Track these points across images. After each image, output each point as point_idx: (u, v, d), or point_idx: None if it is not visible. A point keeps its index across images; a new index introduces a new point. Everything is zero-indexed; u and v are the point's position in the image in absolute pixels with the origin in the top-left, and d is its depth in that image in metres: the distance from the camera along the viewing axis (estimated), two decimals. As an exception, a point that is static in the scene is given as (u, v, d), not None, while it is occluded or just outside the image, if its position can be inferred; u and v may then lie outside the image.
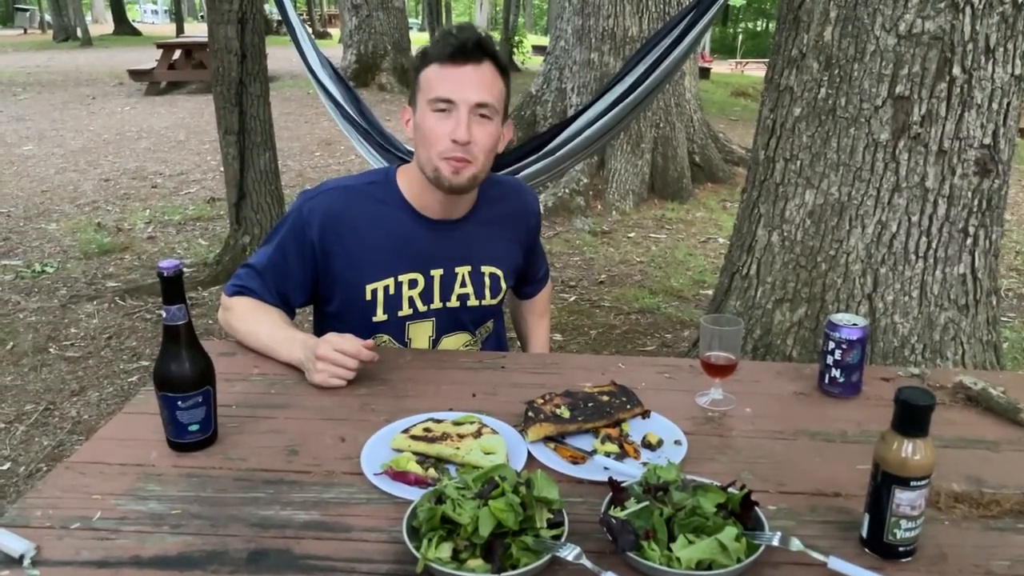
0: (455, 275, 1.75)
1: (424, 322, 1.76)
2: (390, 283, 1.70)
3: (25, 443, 3.04)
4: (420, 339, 1.77)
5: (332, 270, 1.69)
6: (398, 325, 1.74)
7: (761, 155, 2.62)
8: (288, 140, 8.71)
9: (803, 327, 2.53)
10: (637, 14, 6.52)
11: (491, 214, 1.77)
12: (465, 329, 1.81)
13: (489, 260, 1.78)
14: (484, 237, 1.77)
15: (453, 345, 1.81)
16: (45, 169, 7.67)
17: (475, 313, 1.80)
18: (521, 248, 1.86)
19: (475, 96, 1.57)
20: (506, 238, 1.82)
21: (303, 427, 1.42)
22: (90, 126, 9.90)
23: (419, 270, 1.72)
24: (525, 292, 2.04)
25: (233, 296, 1.73)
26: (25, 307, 4.32)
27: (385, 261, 1.70)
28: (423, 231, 1.72)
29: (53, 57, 18.78)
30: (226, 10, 4.29)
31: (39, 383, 3.51)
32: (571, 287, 4.74)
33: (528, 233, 1.88)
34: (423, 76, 1.61)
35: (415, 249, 1.71)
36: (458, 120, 1.56)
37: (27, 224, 5.90)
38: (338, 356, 1.51)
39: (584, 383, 1.59)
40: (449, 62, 1.57)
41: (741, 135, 9.29)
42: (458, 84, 1.57)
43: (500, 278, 1.80)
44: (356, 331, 1.70)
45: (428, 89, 1.59)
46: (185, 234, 5.73)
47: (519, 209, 1.84)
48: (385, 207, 1.70)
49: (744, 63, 24.84)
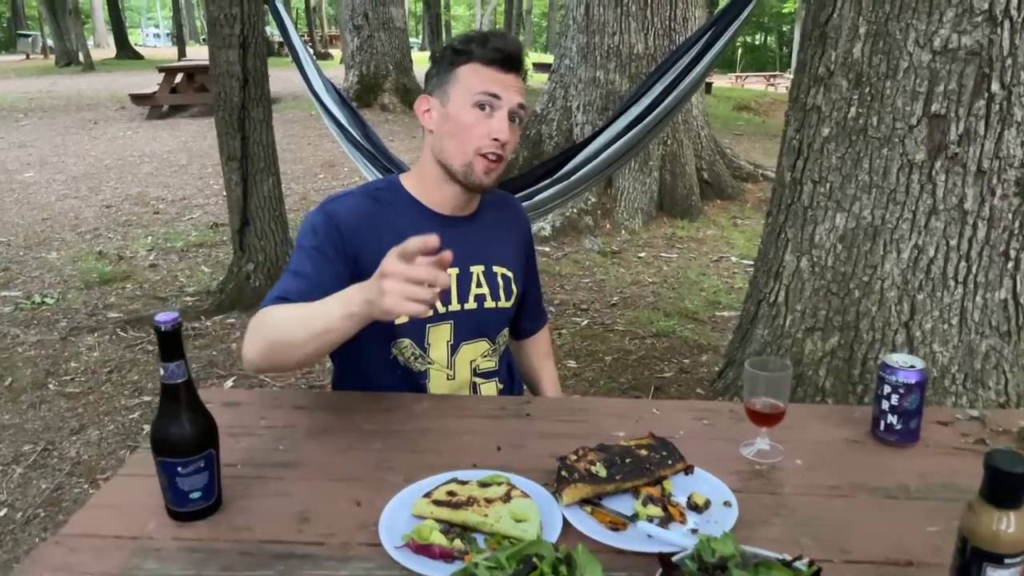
0: (470, 274, 1.68)
1: (443, 325, 1.66)
2: None
3: (23, 486, 2.92)
4: (439, 344, 1.67)
5: (360, 270, 1.56)
6: (418, 328, 1.64)
7: (787, 177, 2.51)
8: (291, 163, 8.63)
9: (836, 357, 2.40)
10: (642, 31, 6.44)
11: (493, 217, 1.75)
12: (484, 335, 1.72)
13: (500, 260, 1.73)
14: (492, 237, 1.74)
15: (472, 353, 1.71)
16: (46, 196, 7.59)
17: (493, 316, 1.72)
18: (521, 255, 1.81)
19: (517, 98, 1.59)
20: (508, 241, 1.79)
21: (314, 489, 1.30)
22: (92, 151, 9.83)
23: None
24: (525, 328, 1.95)
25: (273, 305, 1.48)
26: (24, 340, 4.21)
27: None
28: (436, 228, 1.58)
29: (55, 82, 18.79)
30: (227, 35, 4.20)
31: (38, 421, 3.39)
32: (583, 310, 4.62)
33: (524, 241, 1.84)
34: (462, 71, 1.59)
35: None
36: (501, 119, 1.57)
37: (27, 253, 5.80)
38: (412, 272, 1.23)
39: (617, 432, 1.48)
40: (496, 66, 1.57)
41: (747, 150, 9.21)
42: (505, 86, 1.58)
43: (511, 279, 1.74)
44: (377, 336, 1.60)
45: (470, 84, 1.57)
46: (188, 261, 5.63)
47: (514, 216, 1.84)
48: (396, 208, 1.65)
49: (744, 76, 24.89)
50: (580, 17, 6.66)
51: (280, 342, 1.41)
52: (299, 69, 3.98)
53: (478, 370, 1.72)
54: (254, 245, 4.54)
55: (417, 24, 39.35)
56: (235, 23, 4.20)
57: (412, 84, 12.50)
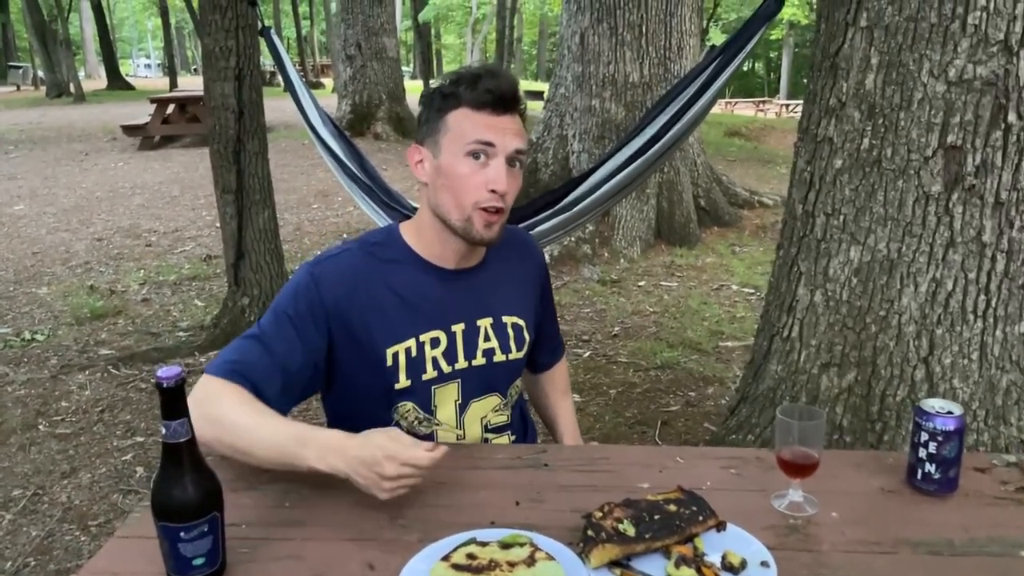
0: (477, 328, 1.58)
1: (449, 385, 1.57)
2: (412, 344, 1.52)
3: (12, 534, 2.82)
4: (446, 405, 1.58)
5: (349, 337, 1.49)
6: (423, 391, 1.55)
7: (799, 209, 2.46)
8: (285, 192, 8.57)
9: (853, 393, 2.34)
10: (638, 60, 6.44)
11: (501, 261, 1.63)
12: (495, 390, 1.63)
13: (510, 309, 1.63)
14: (500, 284, 1.63)
15: (482, 410, 1.62)
16: (36, 229, 7.50)
17: (503, 370, 1.62)
18: (534, 296, 1.72)
19: (514, 143, 1.46)
20: (519, 284, 1.68)
21: (325, 551, 1.22)
22: (83, 183, 9.76)
23: (439, 327, 1.54)
24: (541, 363, 1.87)
25: (223, 378, 1.39)
26: (14, 379, 4.11)
27: (404, 321, 1.52)
28: (439, 284, 1.55)
29: (46, 113, 18.74)
30: (223, 67, 4.16)
31: (27, 464, 3.29)
32: (584, 341, 4.56)
33: (538, 279, 1.74)
34: (453, 118, 1.46)
35: (433, 304, 1.54)
36: (497, 168, 1.45)
37: (17, 289, 5.71)
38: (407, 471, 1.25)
39: (641, 483, 1.40)
40: (489, 110, 1.45)
41: (741, 176, 9.21)
42: (499, 131, 1.45)
43: (523, 328, 1.64)
44: (377, 403, 1.54)
45: (462, 132, 1.45)
46: (180, 295, 5.54)
47: (526, 254, 1.72)
48: (395, 264, 1.54)
49: (733, 102, 25.08)
50: (575, 46, 6.67)
51: (234, 448, 1.36)
52: (295, 101, 3.94)
53: (489, 426, 1.64)
54: (249, 279, 4.46)
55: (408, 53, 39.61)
56: (231, 55, 4.16)
57: (405, 113, 12.51)
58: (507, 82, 1.46)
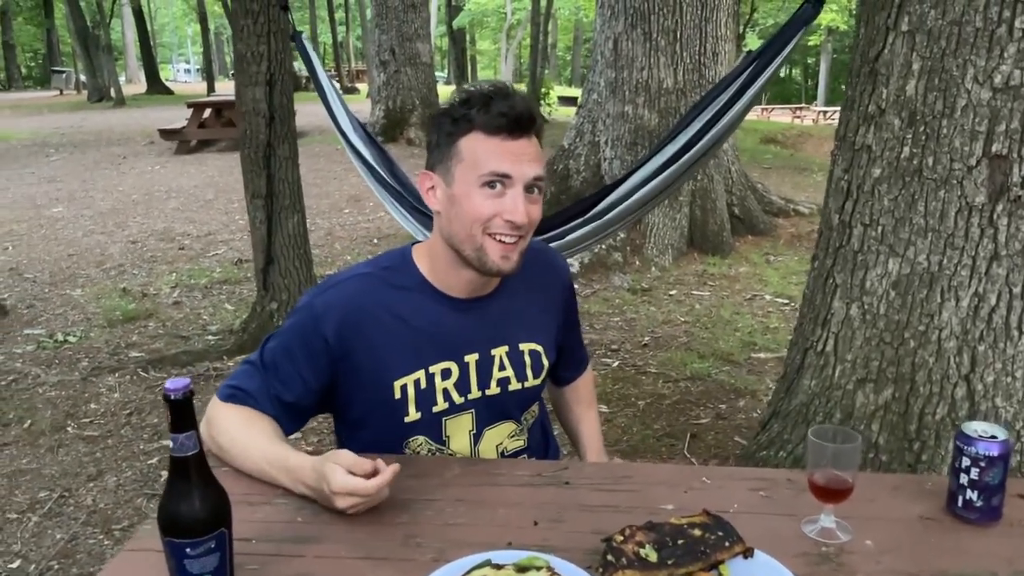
0: (492, 358, 1.53)
1: (463, 415, 1.52)
2: (420, 376, 1.48)
3: (37, 536, 2.83)
4: (460, 436, 1.54)
5: (354, 370, 1.46)
6: (434, 423, 1.51)
7: (835, 219, 2.38)
8: (317, 197, 8.61)
9: (890, 411, 2.26)
10: (671, 66, 6.37)
11: (520, 283, 1.55)
12: (509, 417, 1.58)
13: (527, 336, 1.57)
14: (518, 310, 1.56)
15: (498, 437, 1.57)
16: (73, 232, 7.61)
17: (518, 398, 1.57)
18: (556, 317, 1.65)
19: (532, 171, 1.39)
20: (540, 307, 1.61)
21: (336, 570, 1.19)
22: (120, 186, 9.90)
23: (451, 358, 1.50)
24: (565, 377, 1.82)
25: (225, 402, 1.46)
26: (45, 380, 4.15)
27: (413, 352, 1.47)
28: (451, 314, 1.50)
29: (87, 117, 19.09)
30: (254, 72, 4.17)
31: (55, 466, 3.31)
32: (613, 351, 4.49)
33: (562, 299, 1.66)
34: (464, 145, 1.39)
35: (445, 335, 1.49)
36: (515, 199, 1.37)
37: (52, 290, 5.78)
38: (355, 484, 1.25)
39: (665, 504, 1.35)
40: (504, 134, 1.37)
41: (776, 184, 9.08)
42: (515, 158, 1.37)
43: (541, 354, 1.58)
44: (386, 436, 1.50)
45: (475, 161, 1.38)
46: (211, 299, 5.57)
47: (549, 272, 1.64)
48: (406, 293, 1.48)
49: (770, 109, 24.79)
50: (608, 52, 6.61)
51: (237, 464, 1.42)
52: (325, 106, 3.93)
53: (506, 452, 1.59)
54: (278, 284, 4.46)
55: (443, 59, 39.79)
56: (262, 60, 4.17)
57: (437, 120, 12.51)
58: (522, 103, 1.38)
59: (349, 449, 1.51)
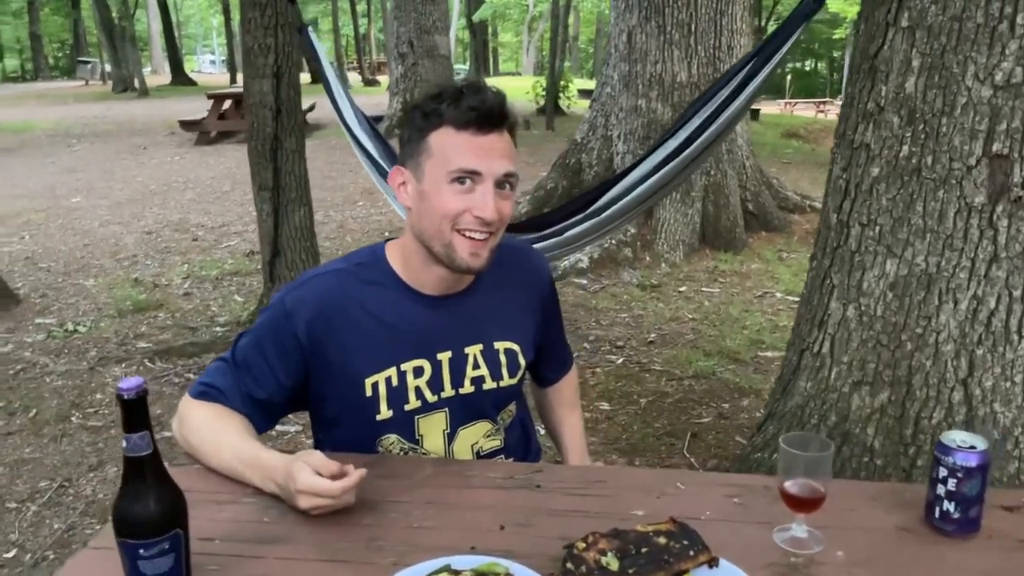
0: (465, 356, 1.51)
1: (436, 414, 1.51)
2: (392, 373, 1.46)
3: (35, 525, 2.85)
4: (433, 435, 1.52)
5: (325, 367, 1.45)
6: (406, 421, 1.49)
7: (833, 219, 2.34)
8: (331, 190, 8.64)
9: (886, 414, 2.21)
10: (686, 59, 6.31)
11: (496, 281, 1.53)
12: (484, 416, 1.56)
13: (502, 334, 1.55)
14: (493, 308, 1.54)
15: (473, 437, 1.56)
16: (90, 222, 7.68)
17: (493, 397, 1.55)
18: (535, 317, 1.62)
19: (502, 167, 1.37)
20: (517, 306, 1.59)
21: (295, 572, 1.17)
22: (138, 177, 9.99)
23: (424, 355, 1.48)
24: (547, 377, 1.80)
25: (197, 399, 1.46)
26: (53, 370, 4.19)
27: (384, 349, 1.46)
28: (424, 311, 1.48)
29: (110, 108, 19.28)
30: (261, 64, 4.18)
31: (57, 456, 3.34)
32: (618, 347, 4.46)
33: (541, 299, 1.64)
34: (434, 140, 1.37)
35: (417, 332, 1.48)
36: (484, 195, 1.36)
37: (65, 280, 5.84)
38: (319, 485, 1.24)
39: (637, 510, 1.32)
40: (473, 129, 1.35)
41: (795, 179, 8.98)
42: (485, 154, 1.36)
43: (517, 353, 1.56)
44: (359, 434, 1.48)
45: (444, 157, 1.36)
46: (221, 290, 5.60)
47: (527, 272, 1.62)
48: (378, 288, 1.47)
49: (793, 103, 24.53)
50: (622, 45, 6.56)
51: (208, 462, 1.42)
52: (331, 99, 3.92)
53: (482, 452, 1.57)
54: (284, 276, 4.47)
55: (464, 51, 39.72)
56: (269, 53, 4.18)
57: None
58: (493, 98, 1.36)
59: (324, 447, 1.51)
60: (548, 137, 12.63)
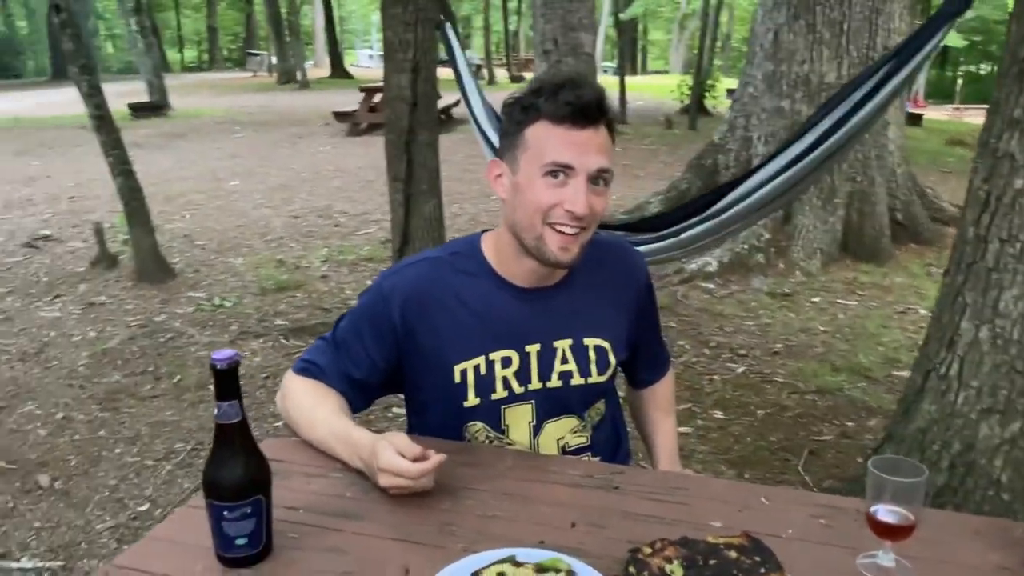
0: (554, 350, 1.52)
1: (522, 405, 1.52)
2: (480, 362, 1.49)
3: (168, 483, 3.09)
4: (519, 426, 1.53)
5: (417, 352, 1.50)
6: (492, 410, 1.52)
7: (970, 232, 2.18)
8: (468, 183, 8.82)
9: (1017, 446, 2.05)
10: (835, 59, 6.02)
11: (591, 278, 1.54)
12: (571, 412, 1.56)
13: (593, 330, 1.54)
14: (585, 304, 1.54)
15: (559, 432, 1.56)
16: (244, 204, 8.20)
17: (581, 393, 1.55)
18: (628, 316, 1.61)
19: (596, 162, 1.37)
20: (610, 304, 1.58)
21: (368, 548, 1.22)
22: (292, 164, 10.55)
23: (513, 347, 1.50)
24: (642, 379, 1.78)
25: (299, 375, 1.55)
26: (198, 340, 4.51)
27: (474, 338, 1.49)
28: (515, 303, 1.50)
29: (273, 98, 20.47)
30: (400, 59, 4.30)
31: (194, 420, 3.59)
32: (740, 356, 4.33)
33: (636, 298, 1.62)
34: (531, 134, 1.39)
35: (507, 323, 1.50)
36: (576, 189, 1.37)
37: (217, 258, 6.27)
38: (400, 465, 1.29)
39: (714, 521, 1.29)
40: (569, 124, 1.36)
41: (953, 189, 8.37)
42: (579, 149, 1.36)
43: (607, 351, 1.55)
44: (447, 420, 1.52)
45: (539, 150, 1.38)
46: (356, 274, 5.85)
47: (623, 271, 1.61)
48: (471, 279, 1.51)
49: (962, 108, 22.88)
50: (768, 44, 6.33)
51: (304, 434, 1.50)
52: (463, 94, 4.01)
53: (567, 447, 1.57)
54: (412, 265, 4.60)
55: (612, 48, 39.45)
56: (408, 48, 4.30)
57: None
58: (591, 92, 1.37)
59: (416, 431, 1.57)
60: (689, 137, 12.39)
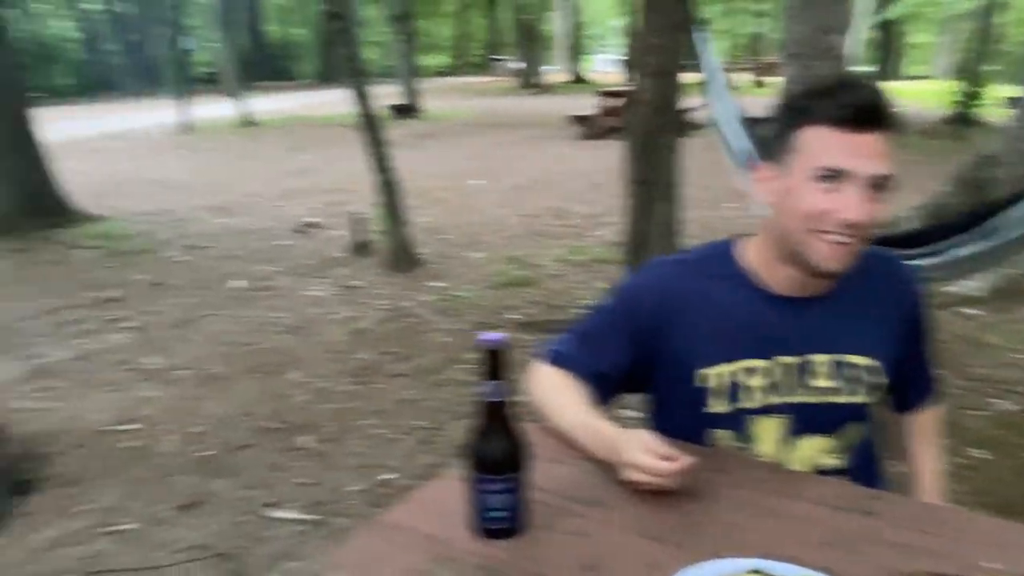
0: (810, 364, 1.45)
1: (770, 418, 1.47)
2: (725, 369, 1.46)
3: (409, 456, 3.32)
4: (767, 439, 1.48)
5: (661, 353, 1.50)
6: (737, 420, 1.48)
7: None
8: (702, 189, 8.65)
9: None
10: None
11: (857, 290, 1.45)
12: (825, 432, 1.49)
13: (857, 347, 1.46)
14: (849, 318, 1.46)
15: (811, 450, 1.49)
16: (485, 202, 8.61)
17: (838, 412, 1.47)
18: (895, 333, 1.50)
19: (876, 167, 1.29)
20: (876, 320, 1.48)
21: (611, 536, 1.25)
22: (529, 165, 10.93)
23: (762, 356, 1.45)
24: (908, 402, 1.66)
25: (548, 363, 1.59)
26: (438, 327, 4.80)
27: (721, 344, 1.46)
28: (770, 310, 1.45)
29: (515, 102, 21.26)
30: (648, 63, 4.33)
31: (434, 401, 3.83)
32: (1006, 391, 3.89)
33: (906, 316, 1.52)
34: (804, 136, 1.33)
35: (759, 331, 1.45)
36: (852, 196, 1.29)
37: (457, 251, 6.64)
38: (646, 462, 1.29)
39: (982, 561, 1.18)
40: (845, 126, 1.28)
41: None
42: (856, 153, 1.28)
43: (879, 371, 1.47)
44: (687, 424, 1.50)
45: (811, 155, 1.31)
46: (587, 275, 5.94)
47: (893, 285, 1.51)
48: (722, 282, 1.47)
49: None
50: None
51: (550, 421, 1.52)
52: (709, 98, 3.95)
53: (821, 467, 1.50)
54: (645, 268, 4.61)
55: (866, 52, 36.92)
56: (658, 52, 4.31)
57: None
58: (871, 94, 1.29)
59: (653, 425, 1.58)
60: (954, 148, 11.32)
